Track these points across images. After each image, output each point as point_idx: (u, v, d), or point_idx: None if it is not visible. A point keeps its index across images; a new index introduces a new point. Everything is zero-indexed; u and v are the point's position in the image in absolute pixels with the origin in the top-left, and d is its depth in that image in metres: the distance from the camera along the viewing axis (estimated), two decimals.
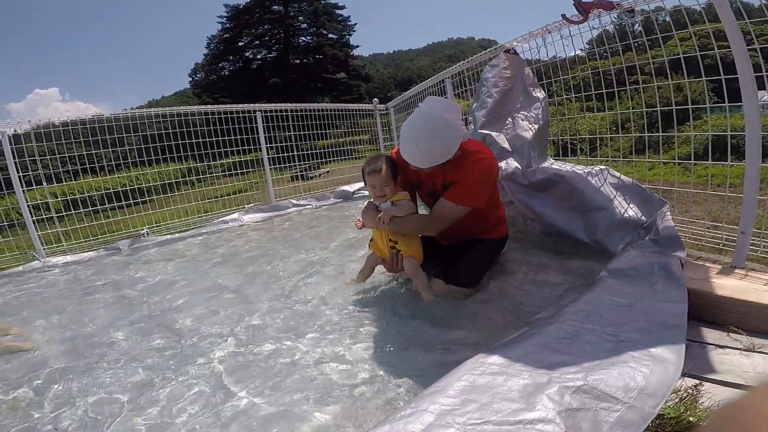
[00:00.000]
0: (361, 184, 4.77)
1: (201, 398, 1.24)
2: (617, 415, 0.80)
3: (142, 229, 3.66)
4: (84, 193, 3.77)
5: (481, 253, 1.89)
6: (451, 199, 1.71)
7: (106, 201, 3.85)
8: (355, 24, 32.99)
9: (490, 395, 0.86)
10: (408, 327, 1.55)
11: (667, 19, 2.02)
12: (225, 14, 31.02)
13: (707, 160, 1.89)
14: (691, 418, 0.85)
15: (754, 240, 1.68)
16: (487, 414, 0.80)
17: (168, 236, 3.55)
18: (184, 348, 1.57)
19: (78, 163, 3.91)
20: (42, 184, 3.60)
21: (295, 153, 4.87)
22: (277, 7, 31.07)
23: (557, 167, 2.24)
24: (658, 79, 2.07)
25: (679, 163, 2.29)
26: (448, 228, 1.80)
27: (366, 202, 1.92)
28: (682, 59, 1.90)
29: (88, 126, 3.76)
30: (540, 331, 1.14)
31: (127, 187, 3.95)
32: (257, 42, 31.72)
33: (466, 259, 1.86)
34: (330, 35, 32.12)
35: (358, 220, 1.92)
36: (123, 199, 3.89)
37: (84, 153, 3.88)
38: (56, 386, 1.40)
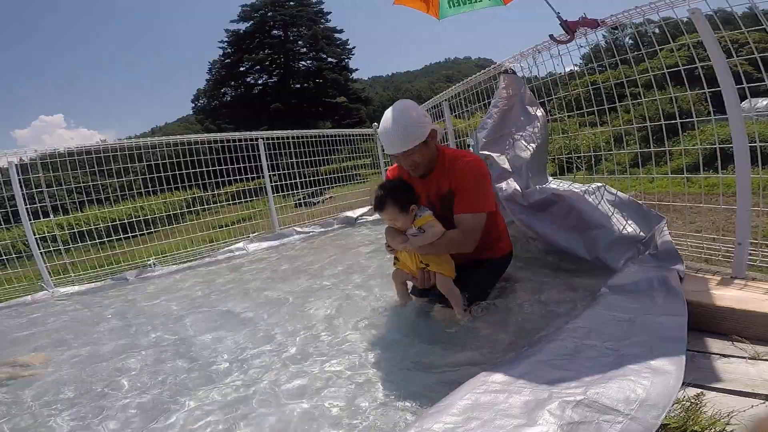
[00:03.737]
0: (364, 210, 4.81)
1: (211, 425, 1.25)
2: (620, 426, 0.81)
3: (149, 260, 3.71)
4: (90, 225, 3.82)
5: (483, 277, 1.85)
6: (466, 210, 1.70)
7: (112, 232, 3.89)
8: (354, 47, 33.85)
9: (492, 412, 0.87)
10: (412, 348, 1.57)
11: (656, 31, 2.08)
12: (226, 39, 31.88)
13: (705, 171, 1.92)
14: (695, 428, 0.86)
15: (753, 250, 1.69)
16: (489, 430, 0.82)
17: (174, 266, 3.59)
18: (193, 375, 1.59)
19: (84, 194, 3.96)
20: (49, 216, 3.63)
21: (298, 180, 4.92)
22: (276, 32, 31.90)
23: (554, 186, 2.27)
24: (651, 92, 2.10)
25: (675, 176, 2.32)
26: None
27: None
28: (667, 74, 1.96)
29: (93, 155, 3.82)
30: (541, 348, 1.16)
31: (133, 218, 3.99)
32: (258, 67, 32.44)
33: (469, 286, 1.80)
34: (329, 59, 32.87)
35: (388, 246, 1.85)
36: (129, 230, 3.93)
37: (90, 183, 3.92)
38: (66, 413, 1.42)
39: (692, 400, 0.94)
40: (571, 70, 2.52)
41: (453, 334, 1.64)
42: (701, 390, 1.01)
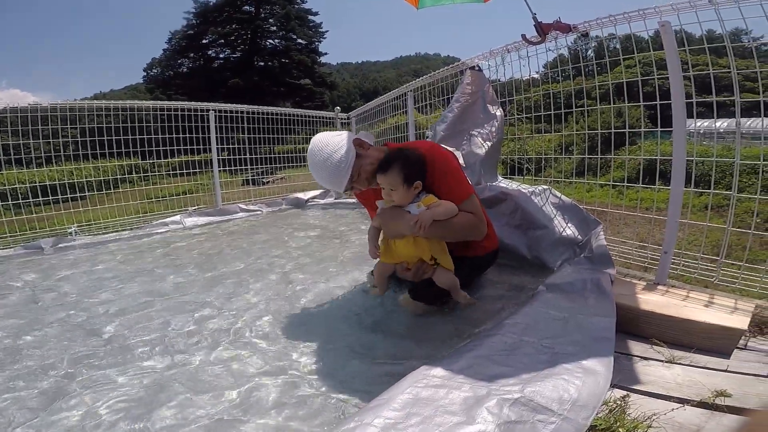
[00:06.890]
0: (316, 192, 4.68)
1: (123, 412, 1.12)
2: (553, 427, 0.82)
3: (70, 228, 3.33)
4: (5, 185, 3.37)
5: (466, 272, 1.74)
6: (458, 199, 1.59)
7: (30, 195, 3.46)
8: (326, 31, 32.85)
9: (433, 408, 0.85)
10: (355, 338, 1.51)
11: (618, 46, 2.16)
12: (193, 10, 29.88)
13: (639, 184, 2.04)
14: (620, 429, 0.89)
15: (675, 259, 1.83)
16: (429, 428, 0.80)
17: (100, 236, 3.26)
18: (107, 356, 1.42)
19: (2, 154, 3.50)
20: None
21: (249, 156, 4.70)
22: (248, 8, 30.35)
23: (504, 185, 2.32)
24: (603, 103, 2.18)
25: (613, 186, 2.46)
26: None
27: (380, 207, 1.64)
28: (625, 85, 2.05)
29: (19, 114, 3.40)
30: (482, 343, 1.16)
31: (57, 182, 3.58)
32: (222, 41, 30.75)
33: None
34: (299, 40, 31.76)
35: (378, 248, 1.62)
36: (51, 194, 3.52)
37: (10, 143, 3.50)
38: None
39: (618, 402, 0.97)
40: (536, 73, 2.57)
41: (396, 324, 1.61)
42: (627, 392, 1.05)
